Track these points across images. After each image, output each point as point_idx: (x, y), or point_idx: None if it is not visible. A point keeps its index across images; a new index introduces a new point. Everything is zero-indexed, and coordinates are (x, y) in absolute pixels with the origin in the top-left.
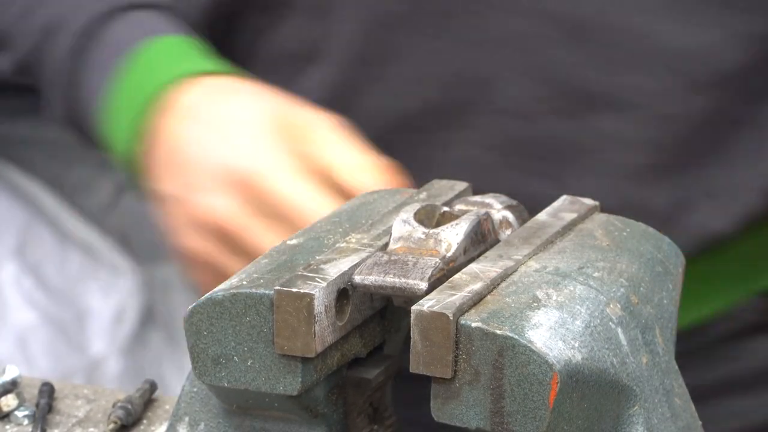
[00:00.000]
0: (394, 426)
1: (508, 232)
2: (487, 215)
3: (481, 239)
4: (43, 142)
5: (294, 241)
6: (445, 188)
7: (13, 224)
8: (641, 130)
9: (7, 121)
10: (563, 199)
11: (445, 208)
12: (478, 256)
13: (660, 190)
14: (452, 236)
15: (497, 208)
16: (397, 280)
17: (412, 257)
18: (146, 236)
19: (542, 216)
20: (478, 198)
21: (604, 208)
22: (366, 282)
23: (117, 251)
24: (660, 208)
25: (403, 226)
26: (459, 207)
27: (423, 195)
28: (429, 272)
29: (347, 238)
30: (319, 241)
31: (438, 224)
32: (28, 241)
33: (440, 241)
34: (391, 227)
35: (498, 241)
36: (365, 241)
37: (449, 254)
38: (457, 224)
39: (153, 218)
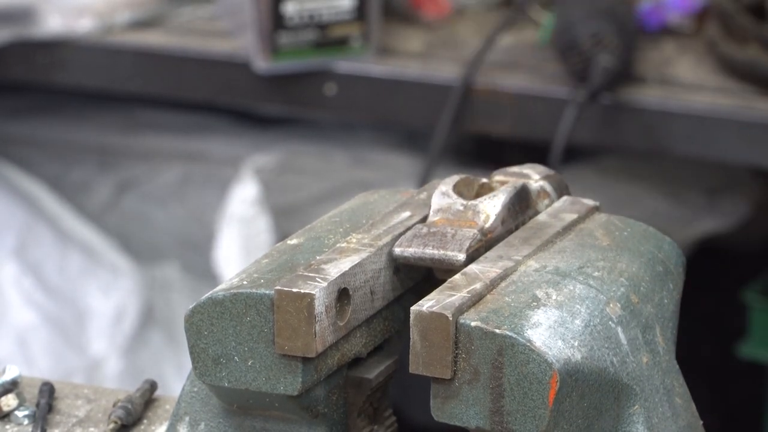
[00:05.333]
0: (394, 426)
1: (546, 202)
2: (525, 186)
3: (520, 210)
4: (43, 142)
5: (294, 241)
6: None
7: (13, 224)
8: None
9: (7, 121)
10: (564, 200)
11: (484, 180)
12: (517, 227)
13: None
14: (490, 208)
15: (535, 178)
16: (436, 252)
17: (451, 229)
18: (146, 236)
19: (542, 216)
20: (516, 169)
21: None
22: (406, 254)
23: (117, 251)
24: None
25: (443, 198)
26: (498, 178)
27: (423, 195)
28: (467, 244)
29: (348, 238)
30: (320, 241)
31: (477, 196)
32: (28, 241)
33: (478, 212)
34: (391, 227)
35: (537, 212)
36: (366, 241)
37: (487, 225)
38: (495, 196)
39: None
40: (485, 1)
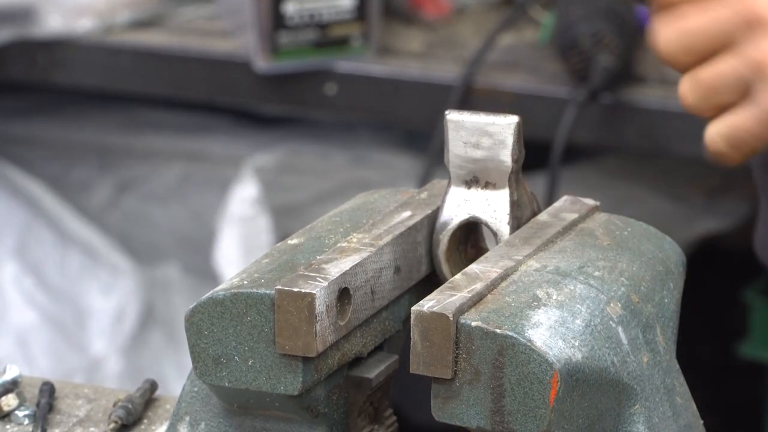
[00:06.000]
0: (394, 426)
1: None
2: None
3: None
4: (43, 142)
5: (295, 241)
6: (445, 188)
7: (13, 224)
8: None
9: (7, 121)
10: (564, 200)
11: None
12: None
13: None
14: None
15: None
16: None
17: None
18: (146, 236)
19: (543, 216)
20: None
21: None
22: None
23: (117, 251)
24: None
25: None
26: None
27: (424, 195)
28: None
29: (348, 238)
30: (320, 241)
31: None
32: (28, 241)
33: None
34: (392, 227)
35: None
36: (366, 240)
37: None
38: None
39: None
40: (485, 1)
